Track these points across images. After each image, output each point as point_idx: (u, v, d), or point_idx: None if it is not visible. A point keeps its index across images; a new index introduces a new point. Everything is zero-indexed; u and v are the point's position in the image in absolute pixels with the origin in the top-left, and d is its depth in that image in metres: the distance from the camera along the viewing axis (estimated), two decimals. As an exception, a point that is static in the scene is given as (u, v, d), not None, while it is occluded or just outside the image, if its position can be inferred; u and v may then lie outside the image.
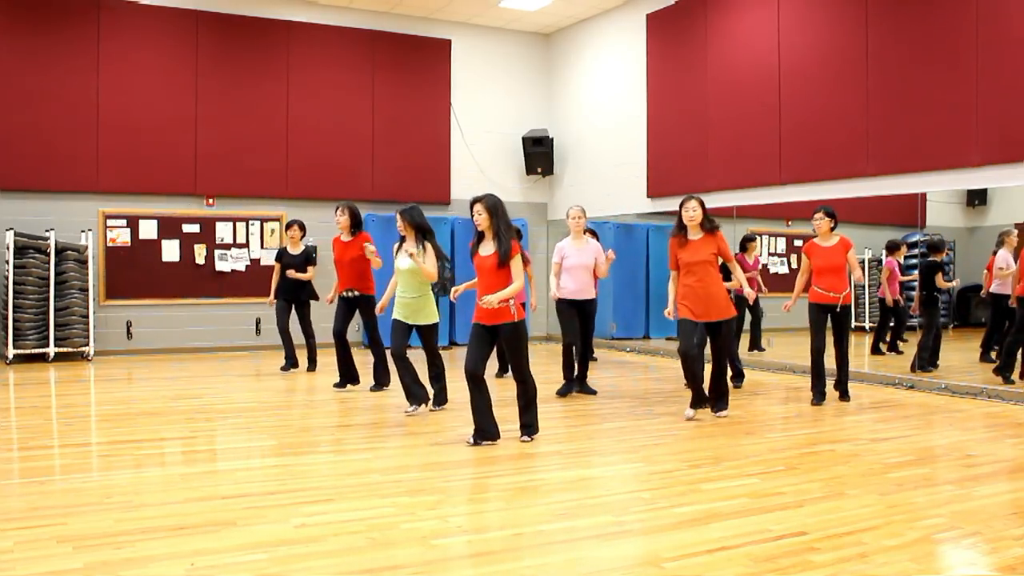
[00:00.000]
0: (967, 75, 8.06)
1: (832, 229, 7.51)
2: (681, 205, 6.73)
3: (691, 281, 6.67)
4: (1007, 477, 5.10)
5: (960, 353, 9.96)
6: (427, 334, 6.95)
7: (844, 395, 7.71)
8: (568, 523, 4.08)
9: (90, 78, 10.92)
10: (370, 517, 4.10)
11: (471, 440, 5.74)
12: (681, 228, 6.72)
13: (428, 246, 6.67)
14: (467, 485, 4.84)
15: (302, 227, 9.53)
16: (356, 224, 8.04)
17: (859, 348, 11.93)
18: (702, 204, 6.69)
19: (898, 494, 4.58)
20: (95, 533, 3.83)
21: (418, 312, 6.81)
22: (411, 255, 6.57)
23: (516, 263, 5.62)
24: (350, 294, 7.95)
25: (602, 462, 5.48)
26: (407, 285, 6.77)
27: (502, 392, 7.40)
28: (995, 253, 9.29)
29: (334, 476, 4.93)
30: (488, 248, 5.72)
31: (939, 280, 9.12)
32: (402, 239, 6.84)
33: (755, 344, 10.95)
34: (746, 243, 9.59)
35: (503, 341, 5.73)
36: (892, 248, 10.12)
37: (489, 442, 5.73)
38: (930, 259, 9.34)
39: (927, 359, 9.19)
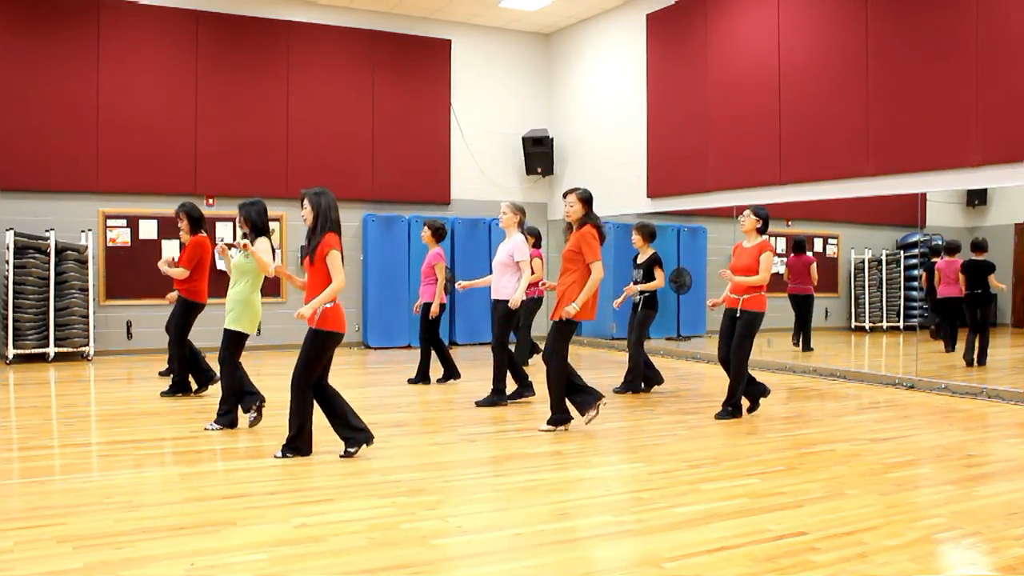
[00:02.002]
0: (967, 75, 8.06)
1: (759, 230, 6.87)
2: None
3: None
4: (1007, 477, 5.10)
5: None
6: (226, 338, 6.22)
7: (725, 410, 6.85)
8: (568, 523, 4.08)
9: (90, 78, 10.91)
10: (370, 517, 4.10)
11: (280, 453, 5.33)
12: (570, 225, 6.28)
13: (260, 242, 6.06)
14: (467, 485, 4.84)
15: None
16: (195, 225, 7.66)
17: (858, 348, 11.94)
18: (581, 198, 6.16)
19: (898, 494, 4.58)
20: (95, 533, 3.82)
21: (229, 312, 6.21)
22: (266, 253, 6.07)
23: (331, 258, 5.13)
24: (175, 295, 7.66)
25: (602, 462, 5.48)
26: (233, 280, 6.30)
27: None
28: None
29: (334, 476, 4.93)
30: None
31: (993, 281, 9.18)
32: (244, 234, 6.33)
33: (806, 344, 10.93)
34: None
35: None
36: (954, 249, 10.03)
37: (358, 447, 5.30)
38: (983, 259, 9.36)
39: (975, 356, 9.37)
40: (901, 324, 12.11)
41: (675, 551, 3.63)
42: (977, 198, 10.28)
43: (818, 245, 12.31)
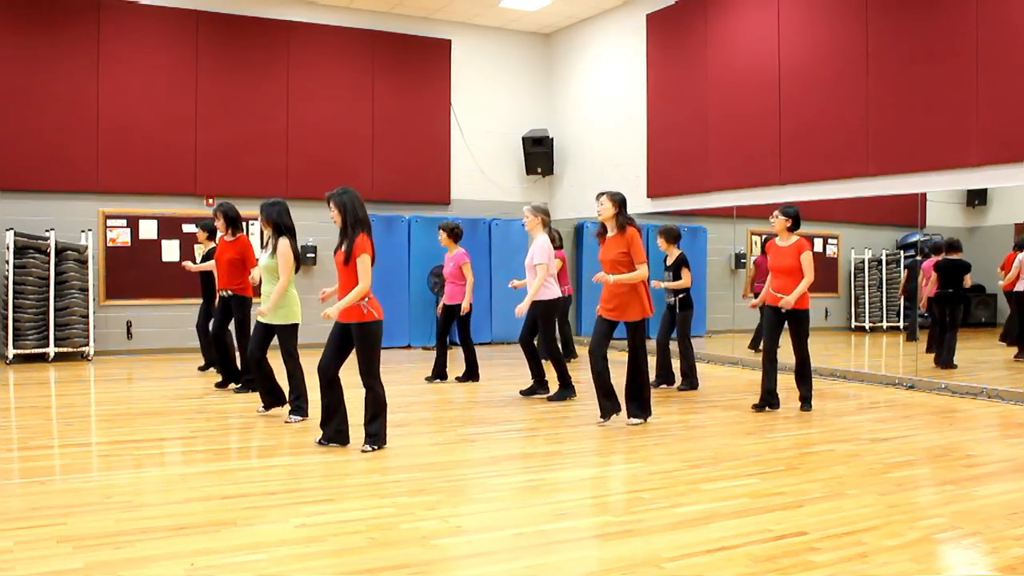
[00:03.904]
0: (967, 75, 8.06)
1: (791, 229, 7.08)
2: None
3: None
4: (1007, 477, 5.10)
5: (961, 352, 9.95)
6: (281, 335, 6.55)
7: (803, 404, 7.15)
8: (568, 523, 4.08)
9: (90, 78, 10.91)
10: (370, 517, 4.10)
11: (319, 440, 5.64)
12: (603, 225, 6.49)
13: (281, 243, 6.41)
14: (467, 485, 4.84)
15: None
16: (233, 225, 7.81)
17: (858, 348, 11.94)
18: (615, 200, 6.34)
19: (898, 494, 4.58)
20: (95, 533, 3.83)
21: (274, 310, 6.45)
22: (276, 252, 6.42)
23: (361, 262, 5.38)
24: (226, 294, 7.73)
25: (602, 462, 5.48)
26: (266, 281, 6.56)
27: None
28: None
29: (334, 476, 4.93)
30: (344, 244, 5.54)
31: (967, 280, 9.24)
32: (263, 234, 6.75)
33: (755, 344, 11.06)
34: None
35: (354, 341, 5.45)
36: (939, 248, 10.04)
37: (337, 445, 5.58)
38: (958, 259, 9.39)
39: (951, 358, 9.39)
40: (901, 324, 12.11)
41: (675, 551, 3.63)
42: (977, 198, 10.28)
43: (818, 245, 12.31)
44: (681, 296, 8.30)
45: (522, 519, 4.14)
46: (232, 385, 8.07)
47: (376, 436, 5.52)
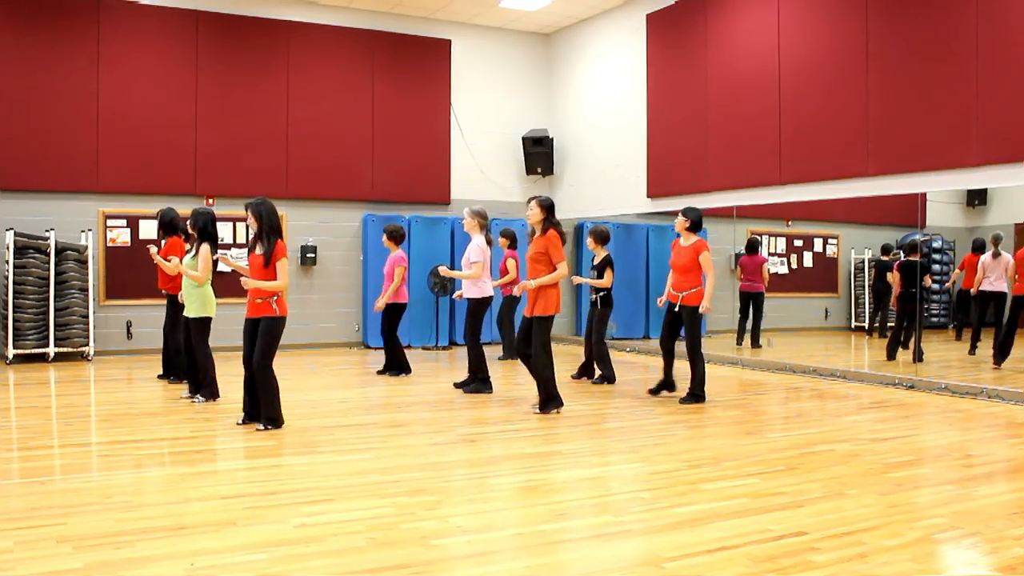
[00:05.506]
0: (967, 75, 8.06)
1: (691, 229, 7.53)
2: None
3: None
4: (1007, 477, 5.10)
5: (960, 352, 9.97)
6: (193, 326, 7.35)
7: (687, 396, 7.54)
8: (568, 523, 4.08)
9: (90, 78, 10.91)
10: (370, 517, 4.10)
11: (240, 421, 6.31)
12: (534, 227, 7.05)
13: (201, 249, 7.19)
14: (467, 485, 4.84)
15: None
16: (165, 229, 8.32)
17: (858, 348, 11.94)
18: (543, 205, 6.96)
19: (898, 494, 4.58)
20: (95, 533, 3.83)
21: (191, 304, 7.30)
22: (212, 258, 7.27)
23: (281, 265, 6.11)
24: (163, 292, 8.44)
25: (602, 462, 5.48)
26: (185, 278, 7.38)
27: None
28: (994, 255, 9.46)
29: (334, 476, 4.93)
30: (259, 248, 6.22)
31: (928, 280, 9.41)
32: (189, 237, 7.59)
33: (755, 340, 11.17)
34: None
35: (259, 331, 6.14)
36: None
37: (267, 426, 6.14)
38: (916, 260, 9.52)
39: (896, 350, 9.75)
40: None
41: (675, 551, 3.64)
42: (977, 198, 10.29)
43: (818, 245, 12.32)
44: (602, 295, 8.64)
45: (522, 519, 4.14)
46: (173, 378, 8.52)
47: (272, 418, 6.16)
